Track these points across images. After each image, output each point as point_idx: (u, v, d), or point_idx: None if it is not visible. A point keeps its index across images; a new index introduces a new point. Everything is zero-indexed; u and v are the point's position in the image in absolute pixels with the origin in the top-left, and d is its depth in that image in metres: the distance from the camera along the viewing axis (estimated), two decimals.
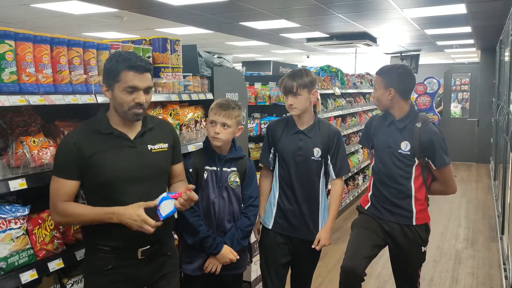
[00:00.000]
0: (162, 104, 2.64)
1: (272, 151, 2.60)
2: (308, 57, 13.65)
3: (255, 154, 4.21)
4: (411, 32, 8.20)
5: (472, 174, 8.99)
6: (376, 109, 7.49)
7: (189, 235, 2.29)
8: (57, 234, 2.00)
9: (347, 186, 6.02)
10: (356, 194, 6.23)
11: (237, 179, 2.40)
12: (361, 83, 6.94)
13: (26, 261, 1.86)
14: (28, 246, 1.88)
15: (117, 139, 1.88)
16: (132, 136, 1.91)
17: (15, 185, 1.78)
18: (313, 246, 2.49)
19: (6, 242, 1.79)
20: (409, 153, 2.48)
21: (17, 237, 1.83)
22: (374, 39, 8.88)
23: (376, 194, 2.63)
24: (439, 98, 10.66)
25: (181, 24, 7.39)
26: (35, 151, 1.92)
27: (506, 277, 3.71)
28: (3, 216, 1.80)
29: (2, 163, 1.79)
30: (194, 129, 2.84)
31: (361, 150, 6.67)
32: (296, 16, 6.71)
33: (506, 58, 5.69)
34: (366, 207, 2.69)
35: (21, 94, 1.80)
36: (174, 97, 2.61)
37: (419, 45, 10.38)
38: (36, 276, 1.85)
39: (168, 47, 2.58)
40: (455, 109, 10.63)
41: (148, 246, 1.92)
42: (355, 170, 6.23)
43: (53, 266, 1.93)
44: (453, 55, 13.48)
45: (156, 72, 2.49)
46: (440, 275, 4.07)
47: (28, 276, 1.82)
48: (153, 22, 7.17)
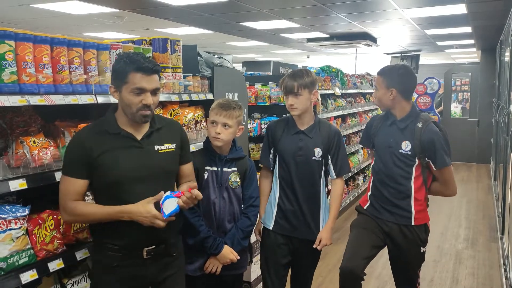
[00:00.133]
0: (162, 104, 2.64)
1: (272, 152, 2.60)
2: (308, 57, 13.64)
3: (255, 154, 4.21)
4: (412, 32, 8.20)
5: (473, 175, 8.98)
6: (377, 109, 7.49)
7: (190, 236, 2.29)
8: (57, 234, 1.99)
9: (348, 186, 6.03)
10: (356, 194, 6.23)
11: (238, 180, 2.39)
12: (361, 83, 6.93)
13: (26, 261, 1.86)
14: (28, 246, 1.88)
15: (125, 140, 1.89)
16: (139, 137, 1.92)
17: (15, 185, 1.78)
18: (315, 246, 2.49)
19: (6, 242, 1.79)
20: (410, 153, 2.48)
21: (17, 237, 1.83)
22: (374, 39, 8.88)
23: (376, 194, 2.63)
24: (439, 99, 10.65)
25: (181, 24, 7.39)
26: (35, 151, 1.92)
27: (506, 278, 3.71)
28: (3, 216, 1.80)
29: (2, 163, 1.79)
30: (194, 129, 2.85)
31: (362, 150, 6.67)
32: (296, 16, 6.71)
33: (507, 59, 5.69)
34: (365, 207, 2.69)
35: (21, 94, 1.80)
36: (174, 97, 2.61)
37: (420, 45, 10.39)
38: (36, 276, 1.85)
39: (168, 47, 2.58)
40: (455, 109, 10.63)
41: (154, 246, 1.92)
42: (355, 170, 6.22)
43: (53, 266, 1.93)
44: (453, 55, 13.48)
45: None
46: (440, 275, 4.07)
47: (28, 276, 1.82)
48: (153, 22, 7.17)
